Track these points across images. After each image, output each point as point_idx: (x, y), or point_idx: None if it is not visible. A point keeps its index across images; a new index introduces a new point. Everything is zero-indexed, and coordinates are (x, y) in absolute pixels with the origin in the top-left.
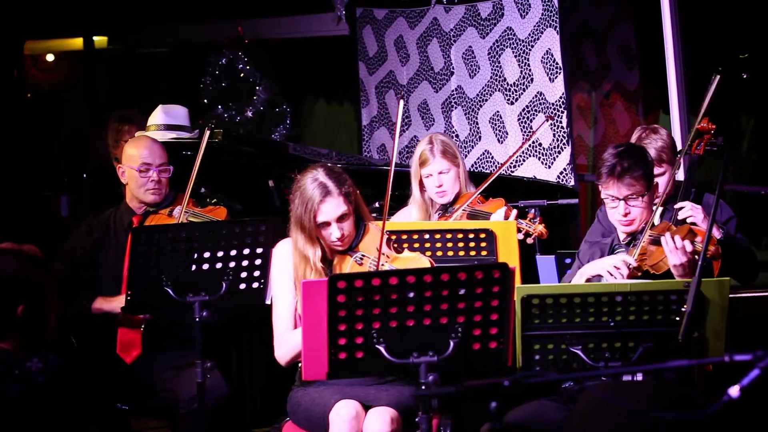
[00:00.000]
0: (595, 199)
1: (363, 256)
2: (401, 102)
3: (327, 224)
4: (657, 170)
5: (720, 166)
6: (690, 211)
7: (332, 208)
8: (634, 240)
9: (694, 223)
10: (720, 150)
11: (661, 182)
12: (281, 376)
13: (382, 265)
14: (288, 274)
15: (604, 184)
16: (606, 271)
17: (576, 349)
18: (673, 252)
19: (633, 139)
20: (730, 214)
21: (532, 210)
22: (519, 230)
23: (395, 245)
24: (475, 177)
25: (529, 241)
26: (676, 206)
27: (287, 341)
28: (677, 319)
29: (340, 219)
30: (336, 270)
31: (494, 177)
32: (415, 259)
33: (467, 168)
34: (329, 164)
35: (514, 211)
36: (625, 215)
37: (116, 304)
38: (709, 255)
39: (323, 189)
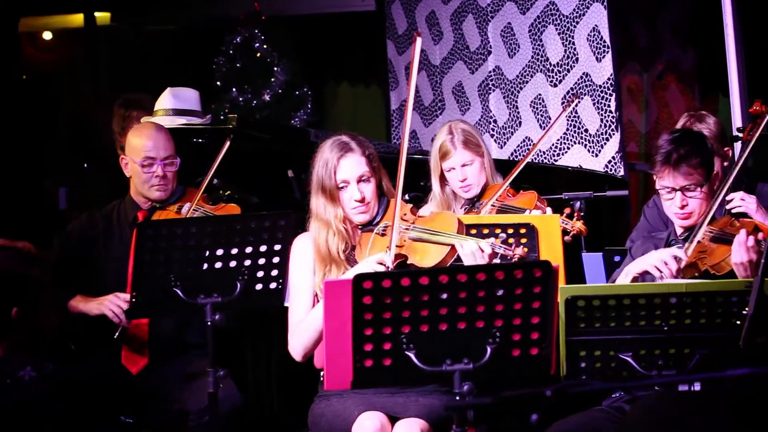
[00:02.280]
0: (647, 190)
1: (386, 226)
2: (419, 39)
3: (347, 184)
4: None
5: None
6: (740, 201)
7: (353, 165)
8: (691, 235)
9: (745, 214)
10: None
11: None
12: (302, 385)
13: (406, 229)
14: (308, 265)
15: (658, 173)
16: (653, 266)
17: (626, 356)
18: (742, 248)
19: (678, 126)
20: None
21: (577, 203)
22: None
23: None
24: (512, 166)
25: (566, 239)
26: (727, 197)
27: (302, 328)
28: (738, 322)
29: (361, 180)
30: (359, 247)
31: (522, 165)
32: (443, 216)
33: (504, 156)
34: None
35: (549, 208)
36: (682, 207)
37: (93, 305)
38: None
39: (344, 146)
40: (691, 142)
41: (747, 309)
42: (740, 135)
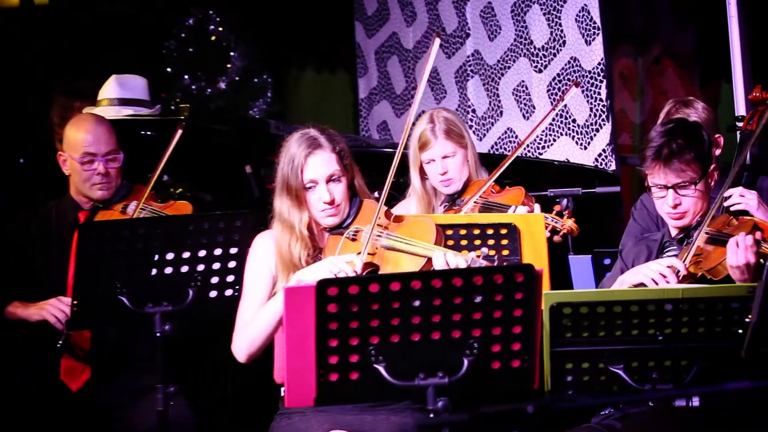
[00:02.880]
0: (641, 186)
1: (357, 230)
2: (437, 41)
3: (315, 184)
4: None
5: None
6: (739, 197)
7: (322, 163)
8: (688, 237)
9: (745, 212)
10: None
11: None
12: (261, 402)
13: (379, 235)
14: (267, 266)
15: (648, 169)
16: (649, 279)
17: (617, 369)
18: (739, 250)
19: (662, 116)
20: None
21: (564, 201)
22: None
23: (395, 218)
24: (495, 161)
25: (556, 239)
26: (726, 194)
27: (250, 327)
28: (740, 331)
29: (331, 180)
30: (326, 253)
31: (511, 160)
32: (420, 224)
33: (484, 150)
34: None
35: (537, 206)
36: (675, 207)
37: (33, 311)
38: None
39: (312, 141)
40: (685, 135)
41: (750, 316)
42: (739, 125)
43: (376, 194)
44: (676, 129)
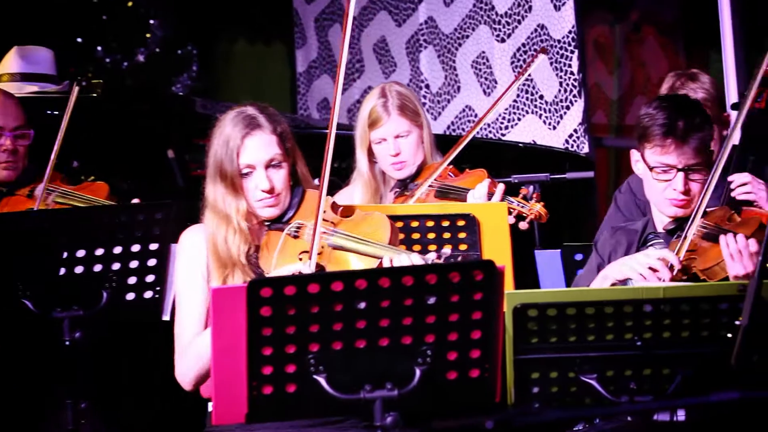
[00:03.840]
0: (619, 172)
1: (300, 225)
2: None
3: (252, 169)
4: None
5: None
6: (749, 186)
7: (261, 146)
8: (679, 230)
9: (753, 203)
10: None
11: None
12: (186, 419)
13: (325, 233)
14: (200, 268)
15: (657, 146)
16: (638, 273)
17: (590, 379)
18: (735, 258)
19: (663, 92)
20: None
21: (530, 188)
22: (509, 212)
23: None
24: (452, 143)
25: (523, 226)
26: (730, 178)
27: (194, 351)
28: (729, 336)
29: (270, 165)
30: (264, 249)
31: (467, 140)
32: (373, 220)
33: (439, 131)
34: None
35: (501, 187)
36: (686, 192)
37: None
38: None
39: (250, 121)
40: (697, 111)
41: (740, 319)
42: (744, 101)
43: (316, 182)
44: (684, 104)
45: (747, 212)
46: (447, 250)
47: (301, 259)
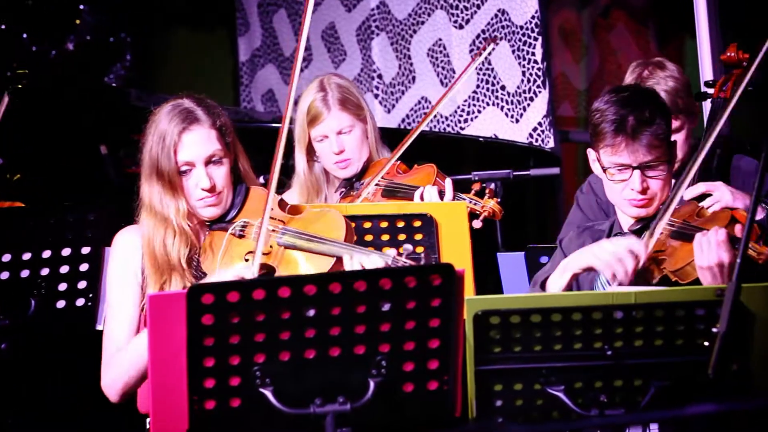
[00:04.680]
0: (587, 168)
1: (245, 224)
2: None
3: (191, 166)
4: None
5: None
6: (710, 199)
7: (200, 141)
8: (646, 229)
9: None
10: (758, 91)
11: (676, 141)
12: None
13: (274, 231)
14: (134, 272)
15: (608, 146)
16: (604, 262)
17: (556, 391)
18: (710, 247)
19: (628, 80)
20: None
21: (491, 186)
22: None
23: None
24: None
25: (476, 224)
26: (686, 190)
27: (122, 359)
28: (706, 344)
29: (211, 162)
30: (207, 251)
31: (416, 133)
32: (321, 216)
33: (392, 124)
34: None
35: (448, 182)
36: (643, 191)
37: None
38: (762, 259)
39: (188, 115)
40: (650, 103)
41: (718, 326)
42: (709, 91)
43: (262, 179)
44: (637, 95)
45: (737, 213)
46: (409, 246)
47: (247, 260)
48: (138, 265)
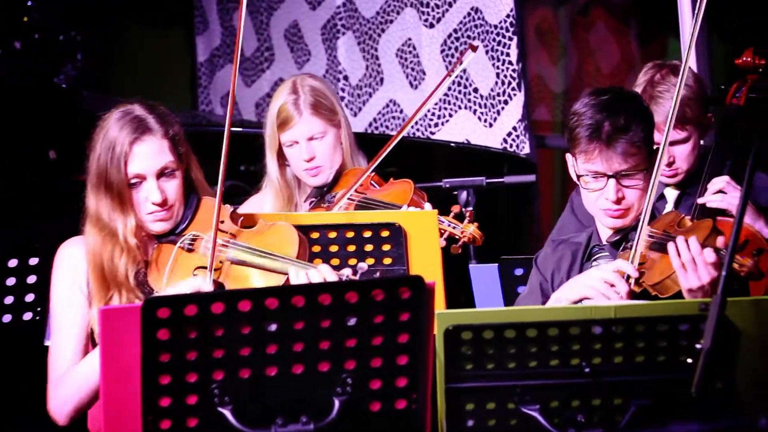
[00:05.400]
0: (565, 175)
1: (194, 237)
2: None
3: (141, 179)
4: (676, 134)
5: None
6: (724, 195)
7: (151, 152)
8: (625, 240)
9: (725, 212)
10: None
11: (681, 153)
12: None
13: (224, 245)
14: (79, 284)
15: (582, 152)
16: (595, 290)
17: (531, 410)
18: (688, 267)
19: (640, 85)
20: None
21: (463, 194)
22: (439, 233)
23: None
24: (374, 143)
25: (455, 249)
26: (712, 187)
27: (71, 381)
28: (689, 361)
29: (162, 174)
30: (153, 268)
31: (395, 141)
32: (279, 231)
33: (359, 129)
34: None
35: (428, 204)
36: (618, 201)
37: None
38: (744, 272)
39: (139, 124)
40: (628, 107)
41: (702, 342)
42: (722, 96)
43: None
44: (615, 100)
45: (721, 223)
46: (364, 264)
47: (196, 275)
48: (83, 279)
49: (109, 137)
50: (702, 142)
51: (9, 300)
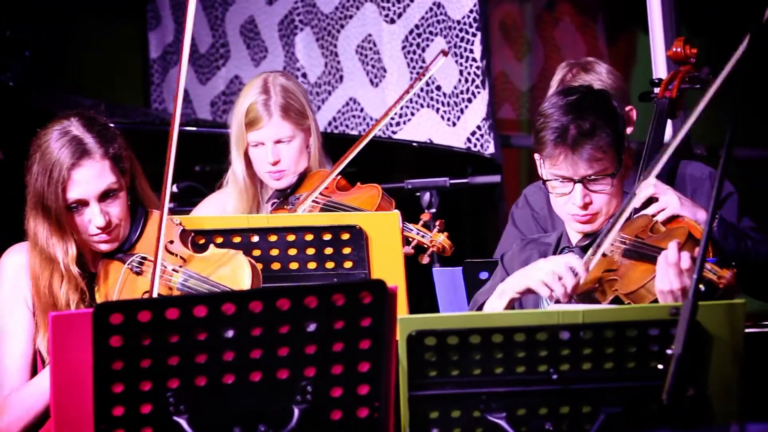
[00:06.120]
0: (531, 175)
1: (143, 259)
2: None
3: (83, 204)
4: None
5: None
6: (663, 204)
7: (91, 177)
8: (594, 243)
9: (673, 216)
10: (705, 88)
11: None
12: None
13: (173, 272)
14: (24, 297)
15: (548, 157)
16: (540, 282)
17: (498, 418)
18: (673, 271)
19: (553, 85)
20: (729, 189)
21: (426, 196)
22: (407, 241)
23: (196, 240)
24: (334, 143)
25: (423, 259)
26: (641, 194)
27: (18, 403)
28: (660, 367)
29: (105, 197)
30: (100, 285)
31: (362, 145)
32: (227, 260)
33: (319, 127)
34: (87, 112)
35: (397, 212)
36: (585, 207)
37: None
38: (723, 283)
39: (78, 147)
40: (596, 110)
41: (673, 347)
42: (654, 91)
43: (175, 187)
44: (583, 101)
45: (672, 223)
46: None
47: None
48: (27, 290)
49: (46, 160)
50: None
51: None
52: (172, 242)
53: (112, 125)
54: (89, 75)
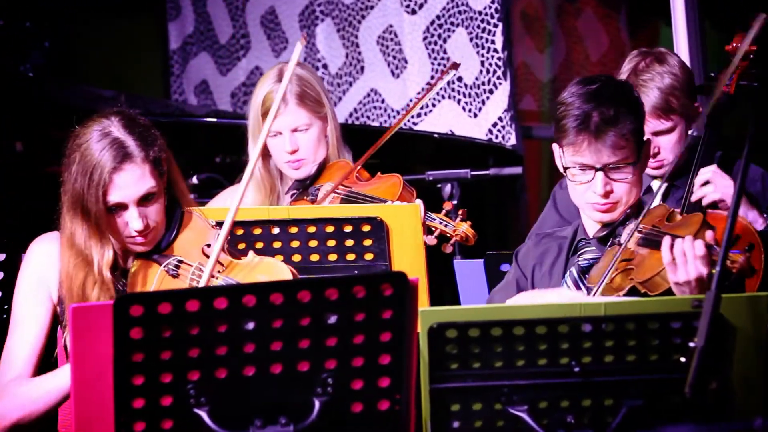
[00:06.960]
0: (552, 166)
1: (180, 262)
2: (299, 45)
3: (122, 208)
4: (660, 125)
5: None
6: (710, 186)
7: (132, 181)
8: (612, 235)
9: (715, 205)
10: (763, 84)
11: (666, 143)
12: None
13: (214, 277)
14: (47, 285)
15: (570, 144)
16: None
17: (519, 411)
18: (687, 260)
19: (624, 73)
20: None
21: (447, 187)
22: (430, 231)
23: (236, 245)
24: (355, 135)
25: (446, 248)
26: (698, 178)
27: (14, 395)
28: (683, 360)
29: (144, 200)
30: (136, 287)
31: (387, 138)
32: (267, 268)
33: (339, 119)
34: (127, 111)
35: (419, 201)
36: (606, 195)
37: None
38: (735, 268)
39: (119, 150)
40: (618, 98)
41: (695, 340)
42: (712, 84)
43: (195, 179)
44: (604, 89)
45: (712, 216)
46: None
47: None
48: (54, 281)
49: (87, 162)
50: (691, 131)
51: None
52: (209, 246)
53: (152, 125)
54: (109, 66)
